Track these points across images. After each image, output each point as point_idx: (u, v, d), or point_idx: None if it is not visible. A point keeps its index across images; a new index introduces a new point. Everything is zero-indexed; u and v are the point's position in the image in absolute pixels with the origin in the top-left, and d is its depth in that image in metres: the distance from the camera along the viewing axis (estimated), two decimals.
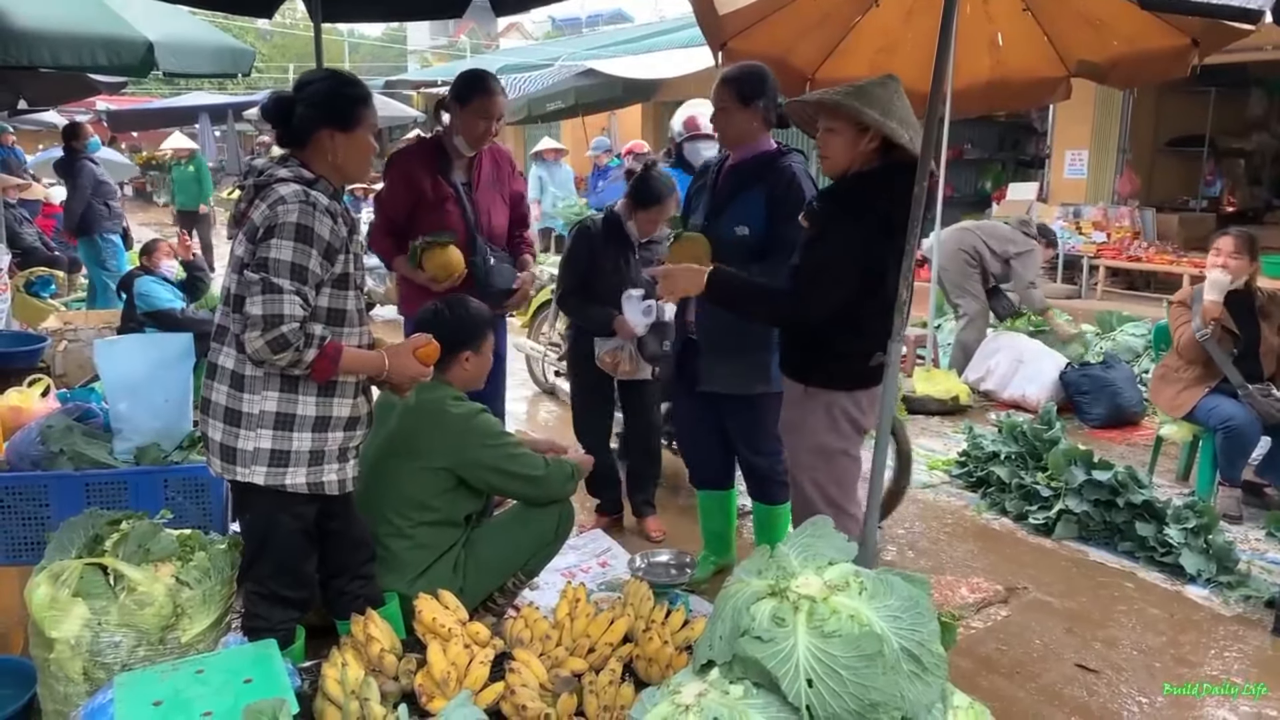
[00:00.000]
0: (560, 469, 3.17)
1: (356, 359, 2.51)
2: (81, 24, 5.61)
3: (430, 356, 2.68)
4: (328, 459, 2.56)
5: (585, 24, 28.30)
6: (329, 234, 2.41)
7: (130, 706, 2.12)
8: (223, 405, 2.51)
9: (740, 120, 3.29)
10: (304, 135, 2.51)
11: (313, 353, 2.37)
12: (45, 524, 3.15)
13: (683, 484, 4.65)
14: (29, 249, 8.38)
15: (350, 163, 2.56)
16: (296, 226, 2.36)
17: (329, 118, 2.49)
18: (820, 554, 1.85)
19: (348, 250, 2.51)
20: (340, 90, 2.52)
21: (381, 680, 2.32)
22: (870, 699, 1.60)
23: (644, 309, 3.89)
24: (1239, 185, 10.55)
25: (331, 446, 2.56)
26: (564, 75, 13.02)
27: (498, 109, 3.65)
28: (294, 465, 2.51)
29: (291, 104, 2.50)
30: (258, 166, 2.54)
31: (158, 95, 25.95)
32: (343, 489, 2.62)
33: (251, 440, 2.49)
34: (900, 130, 2.80)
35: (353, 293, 2.57)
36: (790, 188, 3.25)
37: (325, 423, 2.53)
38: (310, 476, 2.53)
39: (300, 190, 2.41)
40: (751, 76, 3.28)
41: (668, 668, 2.43)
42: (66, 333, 5.87)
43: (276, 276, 2.34)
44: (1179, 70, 3.50)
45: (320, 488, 2.56)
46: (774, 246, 3.24)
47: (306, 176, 2.47)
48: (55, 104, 12.12)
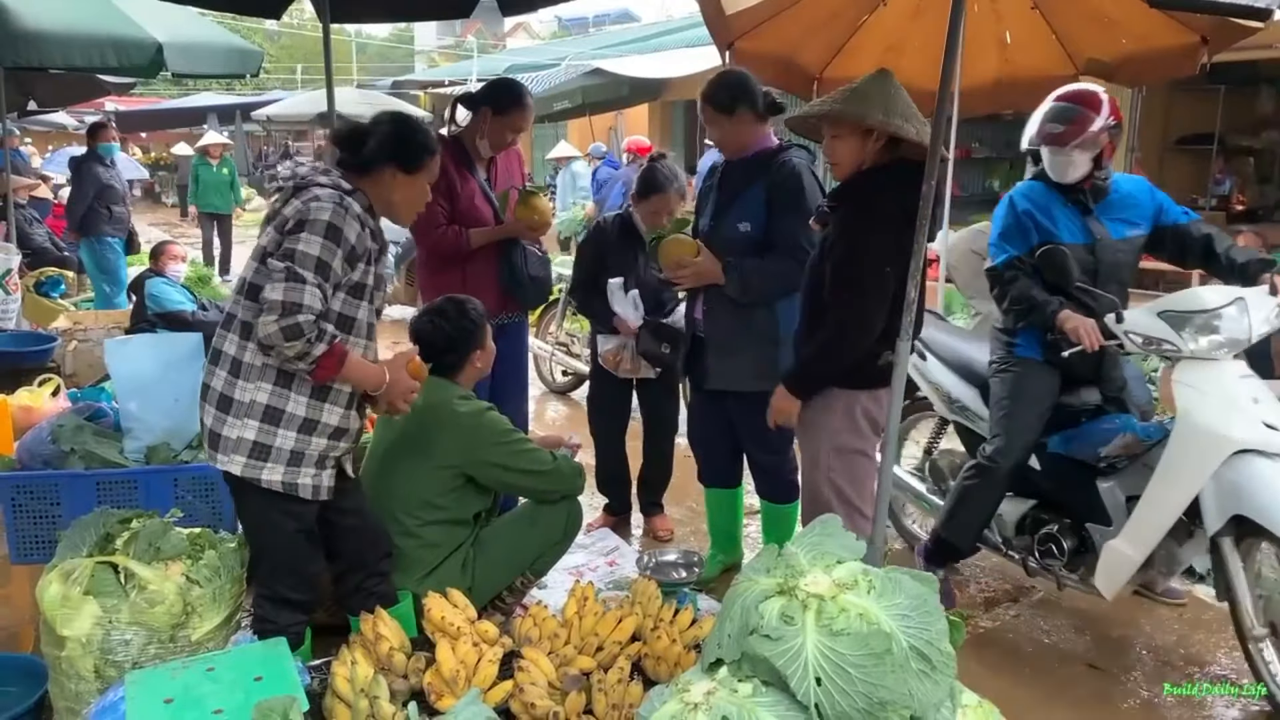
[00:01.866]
0: (568, 464, 3.19)
1: (360, 367, 2.53)
2: (91, 25, 5.64)
3: (419, 372, 2.70)
4: (306, 461, 2.55)
5: (592, 23, 28.35)
6: (355, 238, 2.45)
7: (142, 704, 2.13)
8: (218, 391, 2.53)
9: (730, 129, 3.33)
10: (370, 166, 2.58)
11: (322, 348, 2.37)
12: (56, 523, 3.17)
13: (691, 484, 4.65)
14: (39, 249, 8.39)
15: (404, 203, 2.67)
16: (328, 225, 2.39)
17: (398, 156, 2.58)
18: (829, 552, 1.85)
19: (371, 262, 2.55)
20: (414, 136, 2.61)
21: (391, 678, 2.33)
22: (879, 697, 1.60)
23: (631, 300, 3.96)
24: (1249, 183, 10.49)
25: (312, 450, 2.56)
26: (571, 75, 13.04)
27: (529, 122, 3.72)
28: (273, 461, 2.51)
29: (366, 136, 2.57)
30: (300, 173, 2.57)
31: (166, 96, 26.04)
32: (316, 495, 2.60)
33: (236, 429, 2.50)
34: (905, 125, 2.80)
35: (365, 304, 2.59)
36: (788, 181, 3.27)
37: (312, 426, 2.53)
38: (286, 475, 2.53)
39: (336, 194, 2.47)
40: (726, 86, 3.30)
41: (676, 666, 2.43)
42: (76, 333, 5.88)
43: (302, 268, 2.36)
44: (1188, 68, 3.49)
45: (294, 489, 2.55)
46: (774, 240, 3.29)
47: (345, 186, 2.52)
48: (64, 105, 12.18)
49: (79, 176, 7.91)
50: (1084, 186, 3.19)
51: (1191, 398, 2.92)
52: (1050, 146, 3.17)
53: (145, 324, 5.55)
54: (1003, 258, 3.25)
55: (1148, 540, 2.98)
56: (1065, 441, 3.29)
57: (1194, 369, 2.95)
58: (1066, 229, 3.19)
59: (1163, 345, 2.99)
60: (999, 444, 3.27)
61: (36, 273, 7.81)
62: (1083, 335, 2.99)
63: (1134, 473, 3.12)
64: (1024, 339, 3.30)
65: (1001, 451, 3.26)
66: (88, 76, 7.91)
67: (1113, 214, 3.23)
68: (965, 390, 3.66)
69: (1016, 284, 3.19)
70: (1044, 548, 3.34)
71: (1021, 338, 3.30)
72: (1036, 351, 3.26)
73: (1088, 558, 3.23)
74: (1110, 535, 3.11)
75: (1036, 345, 3.26)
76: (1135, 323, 3.02)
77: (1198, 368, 2.95)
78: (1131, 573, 3.04)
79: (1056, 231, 3.18)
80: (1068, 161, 3.15)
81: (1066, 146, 3.12)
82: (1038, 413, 3.25)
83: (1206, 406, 2.87)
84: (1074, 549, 3.27)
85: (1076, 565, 3.28)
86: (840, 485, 3.03)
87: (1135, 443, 3.11)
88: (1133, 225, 3.24)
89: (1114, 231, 3.21)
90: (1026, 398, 3.26)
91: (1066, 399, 3.30)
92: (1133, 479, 3.12)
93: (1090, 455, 3.21)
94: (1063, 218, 3.20)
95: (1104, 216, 3.22)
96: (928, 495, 3.89)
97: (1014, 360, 3.31)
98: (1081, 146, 3.11)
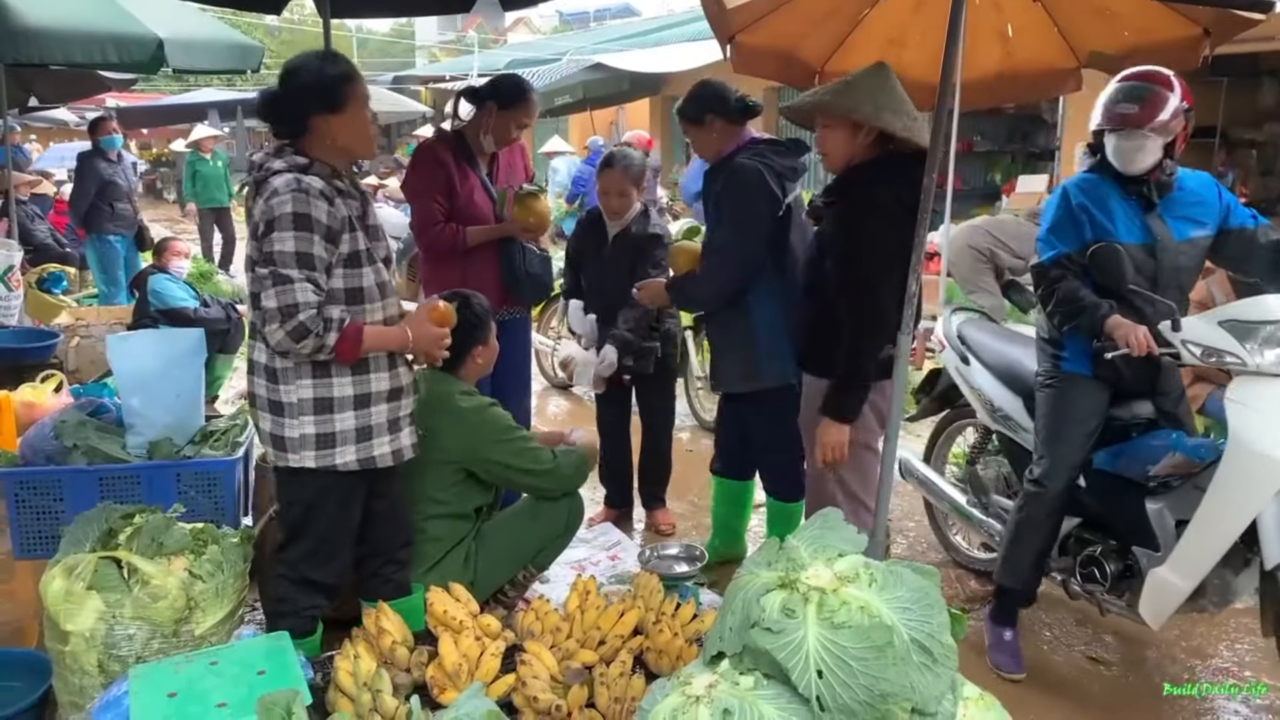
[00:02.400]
0: (568, 460, 3.18)
1: (379, 336, 2.52)
2: (92, 21, 5.63)
3: (444, 318, 2.68)
4: (376, 433, 2.58)
5: (593, 18, 28.28)
6: (326, 216, 2.41)
7: (145, 698, 2.14)
8: (266, 398, 2.55)
9: (701, 137, 3.43)
10: (299, 126, 2.50)
11: (334, 336, 2.38)
12: (59, 518, 3.18)
13: (693, 478, 4.65)
14: (41, 245, 8.39)
15: (351, 140, 2.55)
16: (294, 216, 2.37)
17: (318, 102, 2.47)
18: (830, 545, 1.85)
19: (354, 228, 2.50)
20: (323, 72, 2.48)
21: (393, 672, 2.33)
22: (880, 690, 1.60)
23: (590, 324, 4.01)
24: (1251, 176, 10.46)
25: (378, 420, 2.58)
26: (572, 70, 13.03)
27: (533, 117, 3.73)
28: (341, 445, 2.53)
29: (279, 98, 2.51)
30: (256, 161, 2.54)
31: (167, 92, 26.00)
32: (398, 459, 2.64)
33: (296, 428, 2.51)
34: (894, 120, 2.80)
35: (369, 269, 2.54)
36: (728, 182, 3.33)
37: (365, 399, 2.55)
38: (360, 453, 2.56)
39: (292, 179, 2.41)
40: (693, 99, 3.41)
41: (678, 659, 2.44)
42: (79, 329, 5.89)
43: (284, 268, 2.36)
44: (1190, 61, 3.48)
45: (371, 462, 2.58)
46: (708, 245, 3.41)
47: (299, 163, 2.47)
48: (65, 101, 12.16)
49: (81, 172, 7.90)
50: (1149, 179, 2.90)
51: (1246, 418, 2.66)
52: (1120, 131, 2.85)
53: (147, 320, 5.55)
54: (1050, 254, 2.96)
55: (1197, 570, 2.74)
56: (1112, 458, 3.04)
57: (1253, 385, 2.69)
58: (1124, 226, 2.89)
59: (1225, 357, 2.70)
60: (1044, 466, 3.03)
61: (39, 269, 7.81)
62: (1132, 342, 2.72)
63: (1185, 495, 2.86)
64: (1071, 351, 3.01)
65: (1048, 475, 3.02)
66: (89, 72, 7.89)
67: (1176, 212, 2.93)
68: (1009, 399, 3.41)
69: (1064, 283, 2.89)
70: (1086, 570, 3.11)
71: (1069, 350, 3.02)
72: (1085, 366, 2.98)
73: (1133, 583, 2.98)
74: (1157, 562, 2.86)
75: (1085, 358, 2.98)
76: (1194, 331, 2.74)
77: (1259, 384, 2.68)
78: (1179, 603, 2.79)
79: (1113, 229, 2.88)
80: (1139, 147, 2.84)
81: (1143, 128, 2.81)
82: (1084, 432, 3.00)
83: (1264, 427, 2.62)
84: (1119, 573, 3.03)
85: (1121, 590, 3.03)
86: (846, 480, 3.04)
87: (1185, 463, 2.85)
88: (1198, 225, 2.94)
89: (1176, 232, 2.91)
90: (1072, 417, 3.00)
91: (1116, 412, 3.04)
92: (1183, 501, 2.86)
93: (1138, 474, 2.96)
94: (1121, 214, 2.90)
95: (1166, 215, 2.93)
96: (967, 507, 3.66)
97: (1060, 375, 3.04)
98: (1157, 130, 2.81)
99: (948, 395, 3.86)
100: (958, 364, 3.67)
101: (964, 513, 3.68)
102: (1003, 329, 3.88)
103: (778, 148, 3.39)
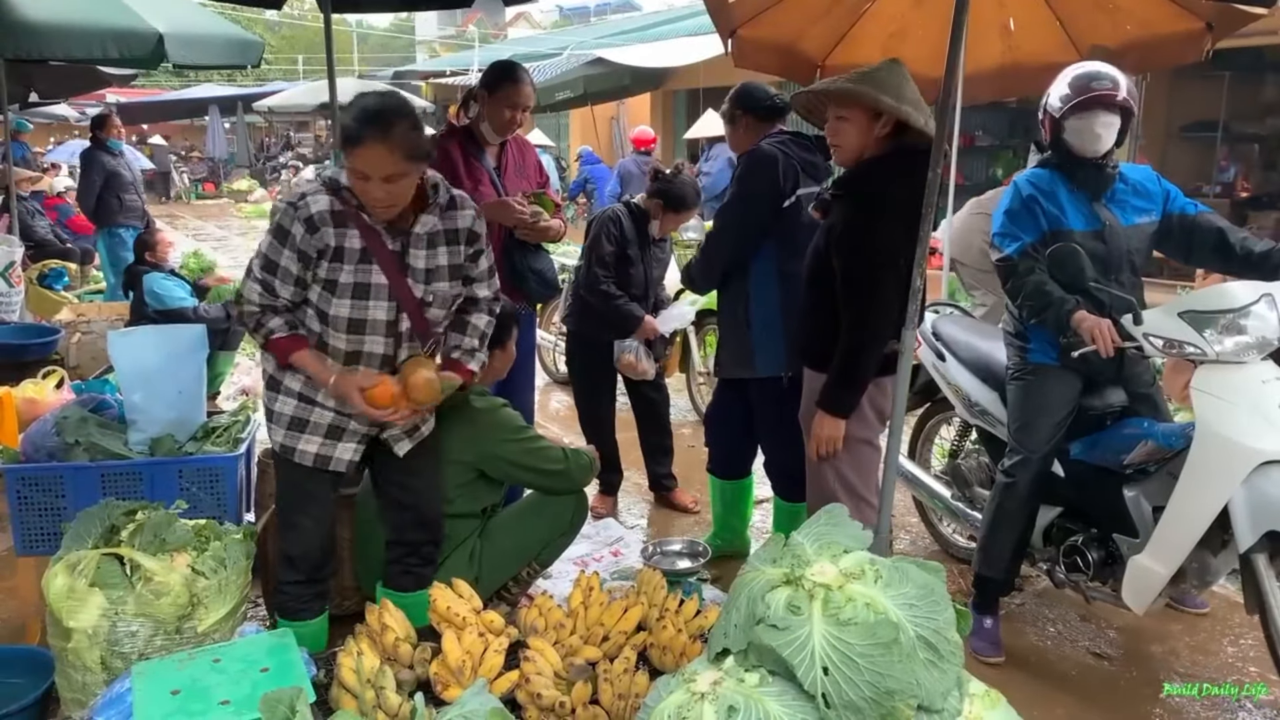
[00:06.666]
0: (578, 460, 3.20)
1: (310, 363, 2.58)
2: (92, 17, 5.63)
3: (378, 399, 2.55)
4: (310, 430, 2.65)
5: (593, 12, 28.26)
6: (300, 238, 2.46)
7: (148, 695, 2.13)
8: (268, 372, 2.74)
9: (734, 134, 3.58)
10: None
11: (260, 339, 2.58)
12: (61, 515, 3.18)
13: (695, 474, 4.65)
14: (42, 241, 8.38)
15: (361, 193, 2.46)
16: (276, 225, 2.51)
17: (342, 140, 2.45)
18: (835, 542, 1.85)
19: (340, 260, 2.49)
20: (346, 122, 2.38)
21: (397, 669, 2.33)
22: (886, 686, 1.60)
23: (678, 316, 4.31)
24: (1253, 171, 10.46)
25: (318, 420, 2.65)
26: (573, 64, 13.02)
27: (524, 98, 3.66)
28: (274, 425, 2.68)
29: None
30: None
31: (168, 87, 26.00)
32: (319, 464, 2.66)
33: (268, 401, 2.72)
34: (915, 113, 2.79)
35: (347, 301, 2.52)
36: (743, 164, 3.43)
37: (311, 399, 2.65)
38: (286, 440, 2.66)
39: (298, 195, 2.54)
40: (730, 99, 3.56)
41: (682, 656, 2.43)
42: (80, 325, 5.88)
43: (253, 264, 2.54)
44: (1193, 55, 3.47)
45: (289, 452, 2.65)
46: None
47: (333, 182, 2.51)
48: (66, 96, 12.18)
49: (85, 167, 7.89)
50: (1096, 163, 2.99)
51: (1212, 406, 2.71)
52: (1090, 111, 2.89)
53: (144, 319, 5.50)
54: (1016, 245, 3.01)
55: (1175, 555, 2.79)
56: (1088, 447, 3.11)
57: (1216, 374, 2.75)
58: (1074, 214, 2.99)
59: (1186, 348, 2.77)
60: (1016, 457, 3.09)
61: (40, 265, 7.81)
62: (1098, 338, 2.78)
63: (1160, 482, 2.92)
64: (1036, 343, 3.08)
65: (1020, 465, 3.08)
66: (89, 68, 7.89)
67: (1121, 201, 3.05)
68: (985, 393, 3.46)
69: (1031, 277, 2.95)
70: (1069, 559, 3.17)
71: (1034, 341, 3.08)
72: (1051, 356, 3.04)
73: (1116, 569, 3.04)
74: (1137, 548, 2.92)
75: (1050, 349, 3.03)
76: (1154, 324, 2.82)
77: (1221, 373, 2.74)
78: (1160, 588, 2.86)
79: (1064, 217, 2.98)
80: (1108, 124, 2.91)
81: (1115, 103, 2.87)
82: (1054, 422, 3.05)
83: (1230, 415, 2.67)
84: (1101, 560, 3.09)
85: (1105, 578, 3.10)
86: (846, 475, 3.02)
87: (1158, 450, 2.92)
88: (1142, 212, 3.06)
89: (1123, 218, 3.03)
90: (1042, 407, 3.05)
91: (1089, 401, 3.09)
92: (1159, 488, 2.91)
93: (1114, 462, 3.03)
94: (1070, 204, 3.00)
95: (1112, 204, 3.04)
96: (951, 501, 3.71)
97: (1028, 367, 3.10)
98: (1123, 106, 2.89)
99: (928, 390, 3.90)
100: (934, 361, 3.72)
101: (948, 506, 3.74)
102: (976, 323, 3.95)
103: (802, 141, 3.42)
